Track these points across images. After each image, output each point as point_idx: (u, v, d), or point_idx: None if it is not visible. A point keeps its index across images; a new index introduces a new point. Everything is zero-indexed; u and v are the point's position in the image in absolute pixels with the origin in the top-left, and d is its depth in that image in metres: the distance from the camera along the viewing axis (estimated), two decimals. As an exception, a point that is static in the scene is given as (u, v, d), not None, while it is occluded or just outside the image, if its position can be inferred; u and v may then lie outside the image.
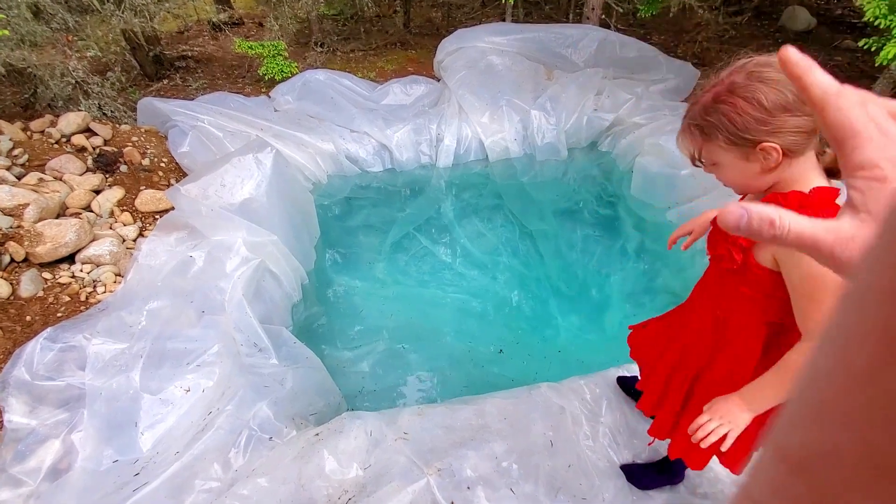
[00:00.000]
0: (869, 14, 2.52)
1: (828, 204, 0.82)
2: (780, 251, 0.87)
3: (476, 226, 3.25)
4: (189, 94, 4.15)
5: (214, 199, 2.29)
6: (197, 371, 1.75)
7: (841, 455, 0.14)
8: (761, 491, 0.17)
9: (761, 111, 0.81)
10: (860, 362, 0.14)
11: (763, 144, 0.83)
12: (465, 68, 3.72)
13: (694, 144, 0.93)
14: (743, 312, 1.00)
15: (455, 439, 1.51)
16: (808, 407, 0.16)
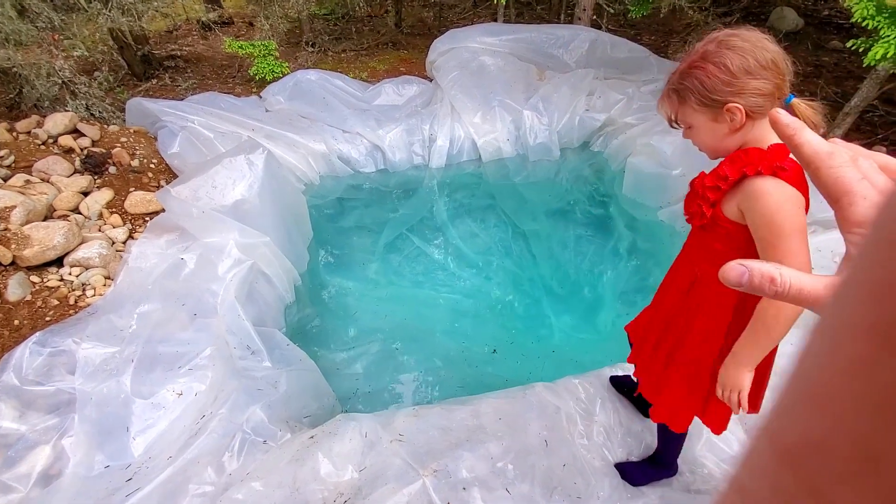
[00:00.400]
0: (857, 15, 2.55)
1: (783, 155, 0.90)
2: (743, 202, 0.94)
3: (469, 226, 3.25)
4: (178, 94, 4.11)
5: (205, 201, 2.26)
6: (189, 375, 1.73)
7: (830, 447, 0.14)
8: (751, 480, 0.17)
9: (727, 74, 0.92)
10: (851, 355, 0.14)
11: (729, 105, 0.93)
12: (458, 69, 3.72)
13: (671, 108, 1.03)
14: (717, 270, 1.03)
15: (451, 440, 1.50)
16: (799, 398, 0.16)
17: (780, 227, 0.88)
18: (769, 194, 0.88)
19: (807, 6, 6.06)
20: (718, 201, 0.98)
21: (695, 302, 1.12)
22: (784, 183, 0.88)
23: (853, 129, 3.54)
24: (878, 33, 2.41)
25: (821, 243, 2.23)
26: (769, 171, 0.89)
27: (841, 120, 2.95)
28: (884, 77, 2.76)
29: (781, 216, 0.88)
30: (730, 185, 0.95)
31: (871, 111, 3.76)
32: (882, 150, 3.38)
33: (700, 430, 1.63)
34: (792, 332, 0.95)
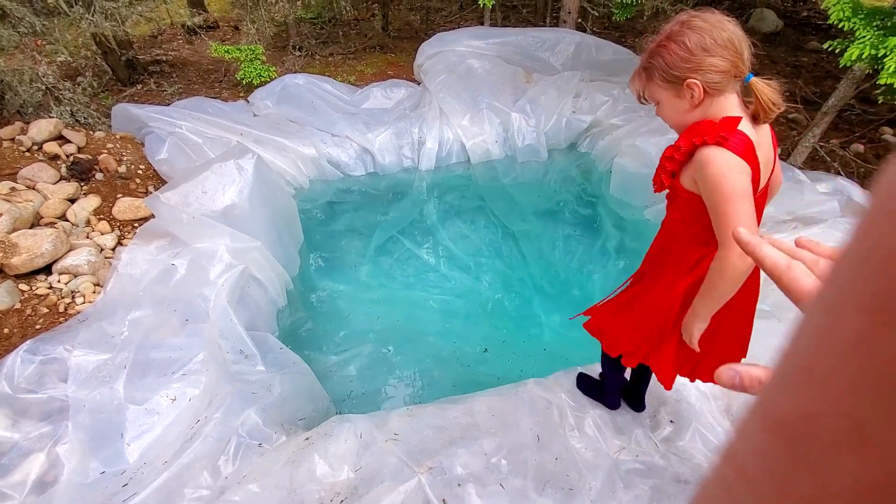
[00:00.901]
0: (833, 17, 2.62)
1: (730, 126, 0.97)
2: (695, 172, 1.00)
3: (459, 227, 3.28)
4: (164, 99, 4.08)
5: (195, 207, 2.26)
6: (183, 380, 1.73)
7: (824, 420, 0.14)
8: (744, 453, 0.17)
9: (686, 51, 0.98)
10: (848, 331, 0.14)
11: (688, 81, 0.99)
12: (445, 72, 3.75)
13: (640, 84, 1.10)
14: (679, 238, 1.14)
15: (445, 438, 1.53)
16: (795, 374, 0.16)
17: (723, 193, 0.95)
18: (713, 162, 0.95)
19: (786, 8, 6.20)
20: (677, 172, 1.06)
21: (661, 265, 1.22)
22: (727, 151, 0.95)
23: (832, 128, 3.64)
24: (854, 34, 2.49)
25: (802, 239, 2.30)
26: (713, 141, 0.95)
27: (819, 119, 3.03)
28: (860, 77, 2.84)
29: (723, 182, 0.95)
30: (683, 156, 1.01)
31: (848, 110, 3.86)
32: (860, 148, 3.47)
33: (689, 421, 1.67)
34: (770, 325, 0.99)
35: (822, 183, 2.65)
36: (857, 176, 3.19)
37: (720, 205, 0.96)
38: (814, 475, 0.14)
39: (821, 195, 2.52)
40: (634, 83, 1.12)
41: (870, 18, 2.51)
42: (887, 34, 2.36)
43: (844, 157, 3.31)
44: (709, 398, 1.76)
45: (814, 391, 0.15)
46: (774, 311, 2.06)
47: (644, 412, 1.71)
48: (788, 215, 2.48)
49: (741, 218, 0.95)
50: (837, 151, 3.34)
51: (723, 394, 1.76)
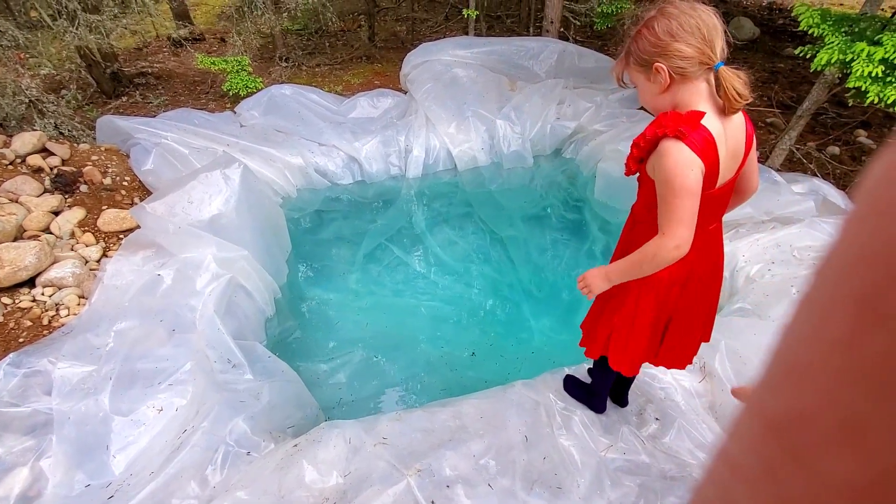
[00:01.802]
0: (804, 23, 2.71)
1: (693, 121, 1.00)
2: (654, 160, 1.04)
3: (447, 234, 3.30)
4: (150, 110, 4.08)
5: (182, 217, 2.26)
6: (169, 390, 1.72)
7: (815, 417, 0.14)
8: (739, 450, 0.18)
9: (654, 35, 1.02)
10: (838, 329, 0.14)
11: (655, 65, 1.03)
12: (431, 81, 3.79)
13: (620, 67, 1.14)
14: (644, 220, 1.19)
15: (433, 441, 1.53)
16: (787, 371, 0.16)
17: (672, 186, 0.99)
18: (668, 155, 0.99)
19: (762, 16, 6.37)
20: (645, 159, 1.09)
21: (628, 245, 1.26)
22: (683, 146, 0.97)
23: (807, 130, 3.74)
24: (824, 40, 2.57)
25: (780, 238, 2.36)
26: (673, 134, 0.98)
27: (795, 122, 3.11)
28: (832, 81, 2.93)
29: (674, 176, 0.98)
30: (648, 144, 1.04)
31: (823, 113, 3.97)
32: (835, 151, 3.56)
33: (674, 418, 1.70)
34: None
35: (798, 184, 2.72)
36: (832, 177, 3.28)
37: (667, 196, 1.01)
38: (807, 472, 0.14)
39: (797, 196, 2.58)
40: (616, 67, 1.15)
41: (838, 25, 2.60)
42: (854, 39, 2.44)
43: (820, 159, 3.39)
44: (693, 395, 1.79)
45: (803, 389, 0.15)
46: (756, 308, 2.11)
47: (630, 410, 1.73)
48: (767, 215, 2.54)
49: (684, 213, 0.99)
50: (813, 154, 3.42)
51: (706, 391, 1.79)
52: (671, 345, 1.32)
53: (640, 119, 3.61)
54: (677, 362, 1.36)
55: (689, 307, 1.26)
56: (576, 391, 1.75)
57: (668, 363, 1.37)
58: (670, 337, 1.30)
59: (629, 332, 1.28)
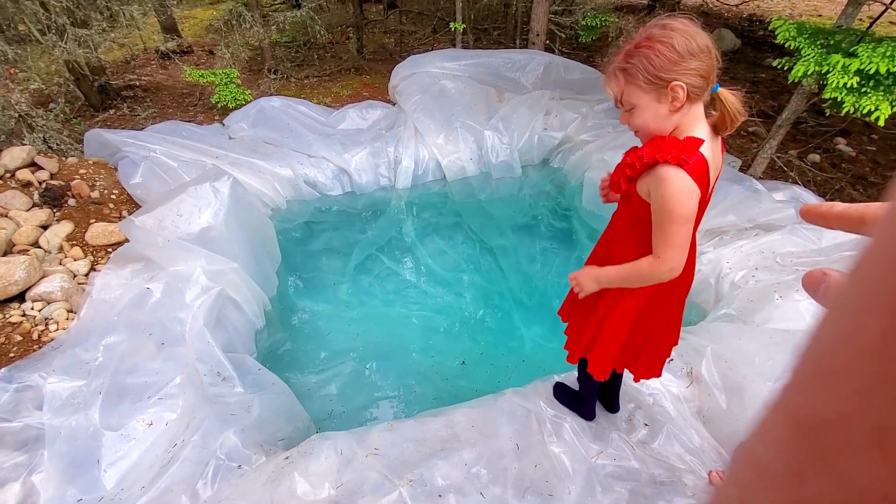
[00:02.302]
0: (780, 36, 2.80)
1: (692, 148, 1.00)
2: (651, 184, 1.03)
3: (437, 244, 3.32)
4: (138, 123, 4.07)
5: (171, 230, 2.26)
6: (159, 404, 1.71)
7: (846, 422, 0.14)
8: (764, 451, 0.17)
9: (674, 53, 0.97)
10: (872, 332, 0.14)
11: (673, 84, 0.98)
12: (420, 92, 3.84)
13: (618, 87, 1.06)
14: (625, 236, 1.20)
15: (425, 451, 1.54)
16: (817, 373, 0.16)
17: (671, 214, 1.00)
18: (670, 183, 0.99)
19: (743, 28, 6.54)
20: (635, 178, 1.09)
21: (606, 258, 1.28)
22: (685, 174, 0.98)
23: (788, 138, 3.83)
24: (800, 52, 2.66)
25: (763, 245, 2.41)
26: (675, 161, 0.98)
27: (775, 131, 3.19)
28: (810, 91, 3.02)
29: (675, 204, 0.99)
30: (644, 166, 1.04)
31: (803, 122, 4.08)
32: (816, 159, 3.65)
33: (662, 423, 1.72)
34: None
35: (778, 192, 2.79)
36: (813, 184, 3.36)
37: (666, 222, 1.02)
38: (834, 476, 0.14)
39: (778, 203, 2.65)
40: (611, 85, 1.08)
41: (814, 38, 2.69)
42: (829, 52, 2.52)
43: (801, 167, 3.48)
44: (681, 400, 1.81)
45: (834, 392, 0.15)
46: (741, 314, 2.15)
47: (620, 416, 1.75)
48: (749, 223, 2.59)
49: (680, 239, 1.02)
50: (794, 161, 3.51)
51: (693, 395, 1.82)
52: (649, 356, 1.34)
53: (624, 129, 3.68)
54: (654, 372, 1.38)
55: (666, 319, 1.29)
56: (565, 398, 1.77)
57: (646, 374, 1.39)
58: (650, 347, 1.32)
59: (606, 338, 1.30)
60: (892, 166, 3.62)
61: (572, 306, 1.48)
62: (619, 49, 1.06)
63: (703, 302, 2.46)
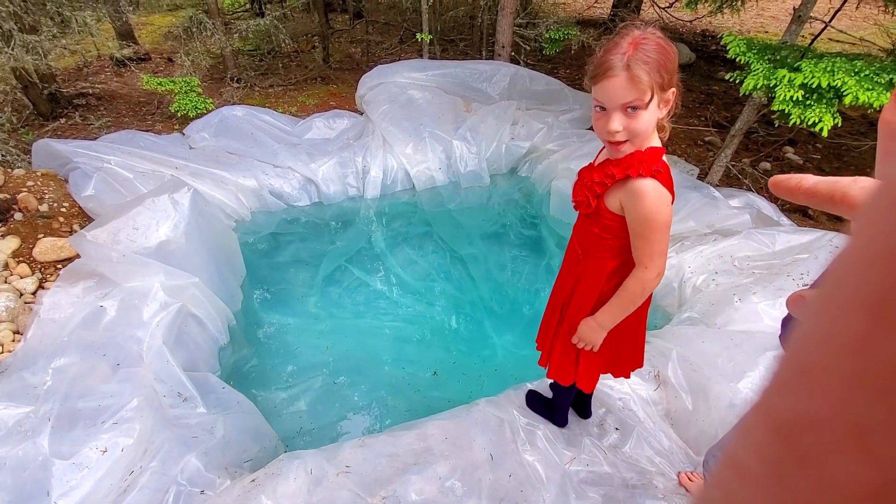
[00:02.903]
0: (731, 52, 2.94)
1: (658, 158, 1.04)
2: (626, 198, 1.06)
3: (408, 254, 3.30)
4: (90, 133, 3.90)
5: (126, 244, 2.16)
6: (114, 429, 1.62)
7: (826, 422, 0.14)
8: (745, 452, 0.17)
9: (676, 59, 1.00)
10: (849, 331, 0.14)
11: (672, 90, 1.00)
12: (387, 102, 3.83)
13: (648, 82, 0.96)
14: (596, 251, 1.22)
15: (398, 466, 1.51)
16: (797, 373, 0.16)
17: (654, 224, 1.04)
18: (646, 195, 1.03)
19: (697, 42, 6.84)
20: (602, 195, 1.12)
21: (578, 276, 1.29)
22: (660, 185, 1.02)
23: (742, 148, 4.01)
24: (750, 66, 2.79)
25: (722, 249, 2.50)
26: (648, 174, 1.02)
27: (730, 141, 3.34)
28: (760, 103, 3.18)
29: (656, 215, 1.03)
30: (614, 182, 1.07)
31: (754, 132, 4.28)
32: (767, 167, 3.84)
33: (632, 427, 1.75)
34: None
35: (734, 198, 2.91)
36: (765, 191, 3.53)
37: (647, 233, 1.05)
38: (815, 476, 0.14)
39: (734, 209, 2.76)
40: (643, 82, 0.96)
41: (762, 53, 2.83)
42: (776, 66, 2.67)
43: (754, 175, 3.65)
44: (649, 403, 1.85)
45: (813, 392, 0.15)
46: (703, 317, 2.22)
47: (591, 421, 1.77)
48: (708, 228, 2.69)
49: (662, 246, 1.06)
50: (748, 170, 3.68)
51: (661, 398, 1.86)
52: (624, 355, 1.37)
53: (589, 139, 3.77)
54: (637, 364, 1.41)
55: (639, 319, 1.32)
56: (538, 406, 1.77)
57: (625, 372, 1.42)
58: (624, 348, 1.36)
59: (589, 358, 1.32)
60: (836, 173, 3.84)
61: (547, 333, 1.48)
62: (613, 47, 0.98)
63: (667, 306, 2.53)
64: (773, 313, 2.06)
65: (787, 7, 8.36)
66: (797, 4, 2.97)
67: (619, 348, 1.36)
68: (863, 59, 2.63)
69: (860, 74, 2.43)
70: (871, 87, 2.37)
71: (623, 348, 1.36)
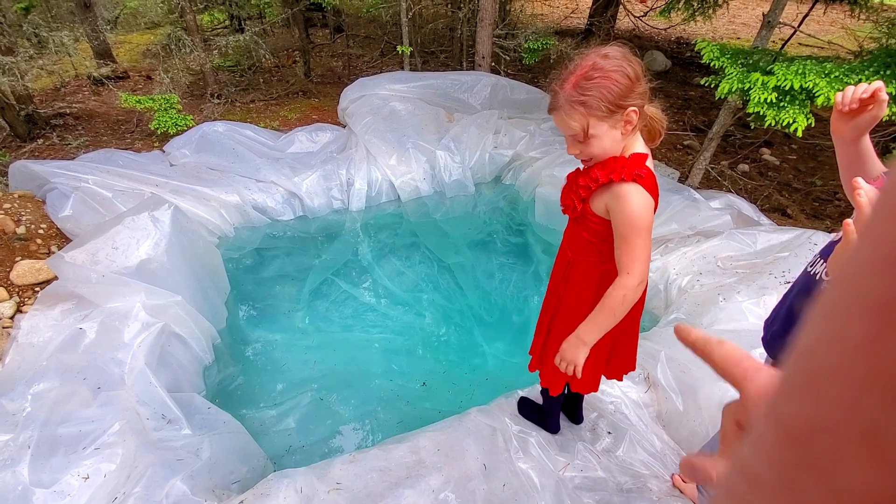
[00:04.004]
0: (706, 57, 3.01)
1: (642, 164, 1.06)
2: (610, 202, 1.08)
3: (395, 265, 3.29)
4: (69, 153, 3.83)
5: (106, 264, 2.11)
6: (96, 455, 1.57)
7: (835, 428, 0.14)
8: (756, 460, 0.17)
9: (629, 80, 1.02)
10: (856, 336, 0.14)
11: (631, 109, 1.02)
12: (370, 114, 3.84)
13: (583, 119, 1.04)
14: (584, 255, 1.22)
15: (391, 480, 1.48)
16: (805, 378, 0.16)
17: (634, 227, 1.05)
18: (630, 199, 1.05)
19: (672, 49, 7.00)
20: (588, 198, 1.13)
21: (568, 281, 1.29)
22: (642, 189, 1.04)
23: (720, 150, 4.10)
24: (724, 71, 2.86)
25: (705, 250, 2.53)
26: (630, 178, 1.04)
27: (708, 144, 3.41)
28: (735, 106, 3.25)
29: (637, 218, 1.05)
30: (598, 186, 1.09)
31: (731, 135, 4.38)
32: (745, 168, 3.91)
33: (625, 430, 1.74)
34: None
35: (715, 200, 2.96)
36: (744, 192, 3.60)
37: (630, 236, 1.06)
38: (825, 483, 0.14)
39: (715, 211, 2.80)
40: (574, 119, 1.04)
41: (735, 57, 2.90)
42: (750, 70, 2.73)
43: (733, 177, 3.72)
44: (641, 406, 1.85)
45: (822, 397, 0.14)
46: (689, 318, 2.24)
47: (584, 426, 1.76)
48: (691, 230, 2.73)
49: (644, 251, 1.07)
50: (727, 171, 3.75)
51: (652, 400, 1.86)
52: (618, 356, 1.37)
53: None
54: (630, 367, 1.41)
55: (634, 319, 1.32)
56: (530, 413, 1.76)
57: (618, 375, 1.42)
58: (619, 349, 1.35)
59: (586, 368, 1.31)
60: (811, 173, 3.94)
61: (538, 339, 1.47)
62: (562, 80, 1.06)
63: (654, 308, 2.55)
64: (757, 311, 2.08)
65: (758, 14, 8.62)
66: (766, 10, 3.05)
67: (615, 349, 1.36)
68: (832, 61, 2.71)
69: (830, 76, 2.50)
70: (842, 87, 2.43)
71: (618, 349, 1.36)
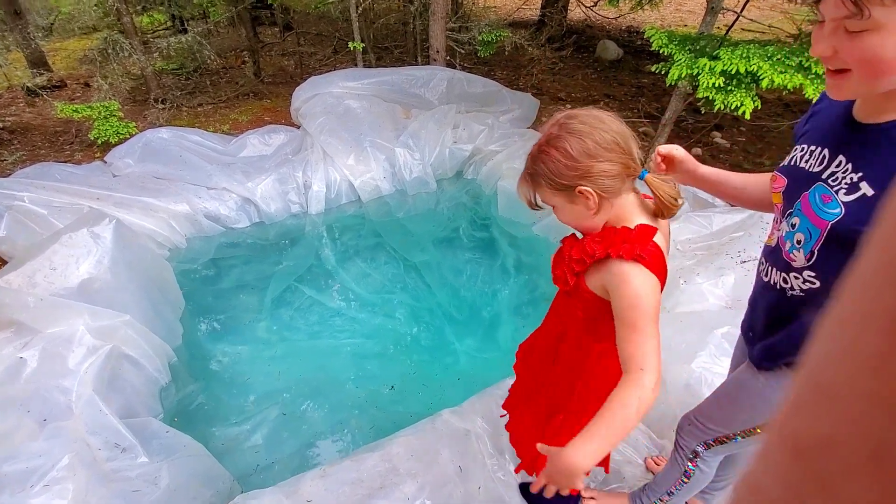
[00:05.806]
0: (655, 44, 3.07)
1: (646, 239, 0.91)
2: (609, 281, 0.93)
3: (360, 267, 3.22)
4: (4, 169, 3.57)
5: (44, 286, 1.97)
6: (45, 492, 1.46)
7: (844, 444, 0.14)
8: (764, 476, 0.17)
9: (569, 159, 0.91)
10: (866, 351, 0.14)
11: (578, 188, 0.92)
12: (324, 114, 3.73)
13: (529, 191, 1.02)
14: (576, 331, 1.09)
15: (363, 492, 1.43)
16: (814, 392, 0.15)
17: (640, 311, 0.89)
18: (631, 280, 0.89)
19: (623, 38, 7.14)
20: (582, 273, 0.99)
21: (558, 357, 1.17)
22: (645, 269, 0.89)
23: (673, 136, 4.19)
24: (673, 58, 2.92)
25: (664, 235, 2.58)
26: (630, 258, 0.89)
27: (662, 130, 3.48)
28: (685, 92, 3.33)
29: (640, 302, 0.89)
30: (594, 261, 0.95)
31: (683, 120, 4.49)
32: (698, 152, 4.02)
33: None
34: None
35: (672, 184, 3.01)
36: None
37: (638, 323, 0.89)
38: (831, 499, 0.14)
39: (673, 195, 2.85)
40: (522, 188, 1.02)
41: (683, 44, 2.96)
42: (697, 56, 2.79)
43: (687, 160, 3.81)
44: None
45: (831, 412, 0.14)
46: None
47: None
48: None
49: (653, 342, 0.89)
50: (681, 156, 3.84)
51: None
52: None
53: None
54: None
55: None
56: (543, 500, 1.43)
57: None
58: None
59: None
60: (759, 153, 4.09)
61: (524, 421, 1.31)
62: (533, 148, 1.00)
63: (619, 294, 2.57)
64: (716, 292, 2.13)
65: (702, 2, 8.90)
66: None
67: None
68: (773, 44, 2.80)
69: (773, 59, 2.59)
70: (784, 69, 2.52)
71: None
